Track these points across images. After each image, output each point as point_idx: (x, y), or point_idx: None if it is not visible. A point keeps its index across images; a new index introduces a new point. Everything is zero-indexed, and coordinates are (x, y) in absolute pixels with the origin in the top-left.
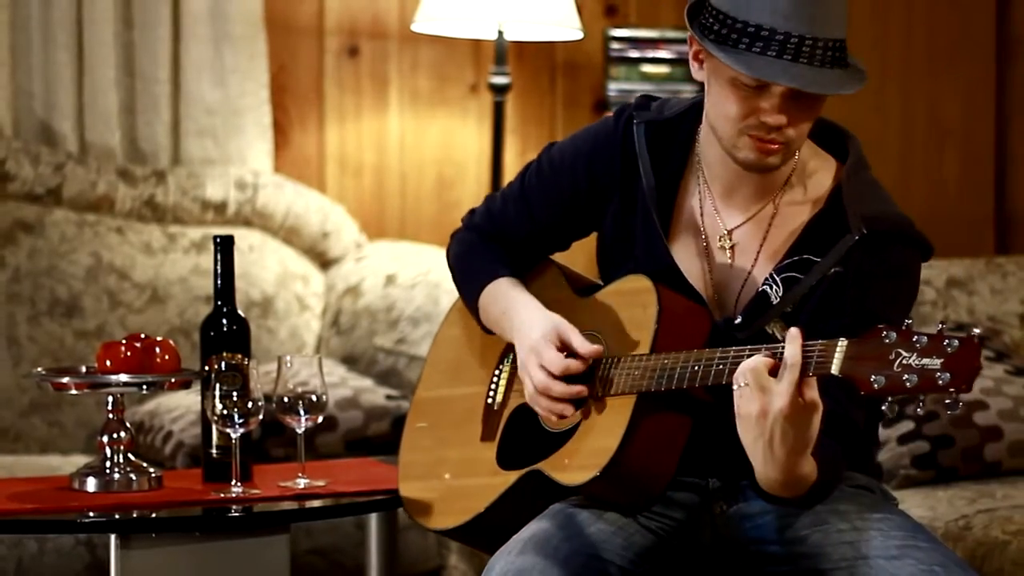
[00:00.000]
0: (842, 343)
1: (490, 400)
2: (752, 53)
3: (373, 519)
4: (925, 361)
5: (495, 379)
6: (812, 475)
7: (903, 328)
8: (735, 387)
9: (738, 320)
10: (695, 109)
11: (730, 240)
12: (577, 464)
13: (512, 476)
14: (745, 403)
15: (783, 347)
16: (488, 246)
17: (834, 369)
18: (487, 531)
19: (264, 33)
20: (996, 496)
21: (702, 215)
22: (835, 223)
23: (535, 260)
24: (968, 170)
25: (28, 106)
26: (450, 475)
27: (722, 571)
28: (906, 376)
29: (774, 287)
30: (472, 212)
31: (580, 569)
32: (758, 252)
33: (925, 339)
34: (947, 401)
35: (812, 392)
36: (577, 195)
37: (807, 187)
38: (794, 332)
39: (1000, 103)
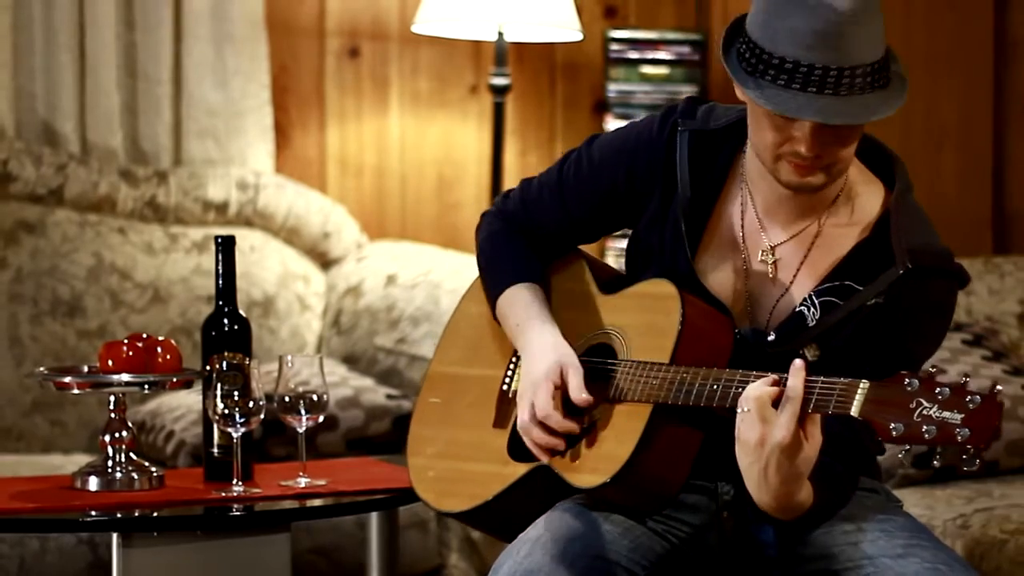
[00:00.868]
0: (864, 385)
1: (505, 387)
2: (778, 87)
3: (374, 518)
4: (946, 414)
5: (512, 366)
6: (807, 502)
7: (927, 376)
8: (739, 410)
9: (772, 337)
10: (743, 123)
11: (772, 255)
12: (588, 467)
13: (521, 468)
14: (746, 429)
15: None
16: (516, 241)
17: (854, 411)
18: (492, 518)
19: (265, 34)
20: (994, 495)
21: (743, 228)
22: (880, 253)
23: (563, 250)
24: (966, 171)
25: (30, 107)
26: (459, 457)
27: (729, 573)
28: (925, 427)
29: (811, 310)
30: (507, 195)
31: (587, 571)
32: (798, 270)
33: (948, 391)
34: (964, 457)
35: (814, 428)
36: (614, 194)
37: (854, 210)
38: (798, 364)
39: (998, 104)
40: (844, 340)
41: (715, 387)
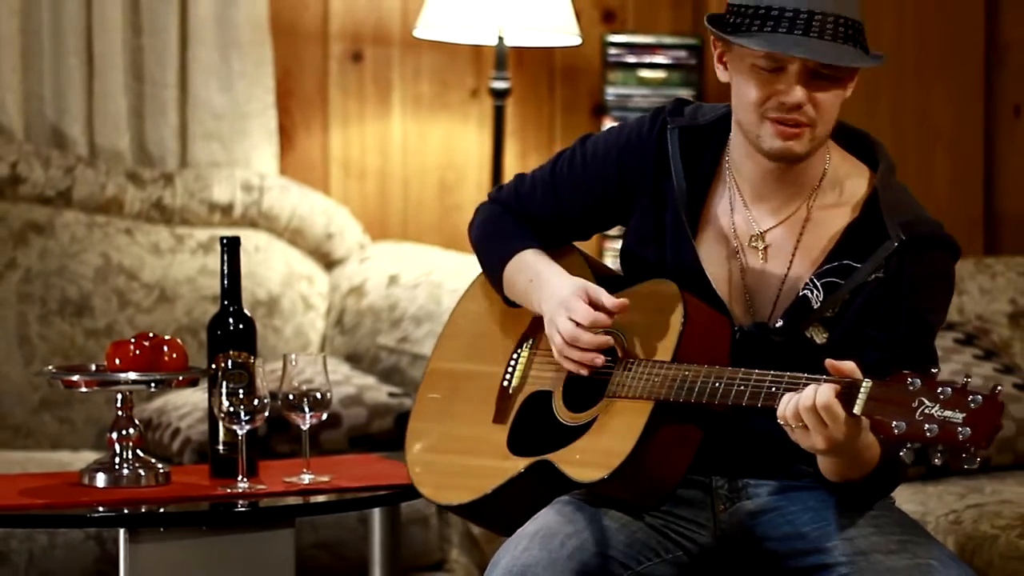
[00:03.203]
0: (867, 383)
1: (506, 383)
2: (764, 33)
3: (376, 514)
4: (947, 413)
5: (513, 362)
6: (873, 455)
7: (929, 376)
8: (785, 426)
9: (779, 324)
10: (728, 117)
11: (763, 241)
12: (588, 461)
13: (522, 463)
14: (804, 439)
15: (805, 379)
16: (515, 219)
17: (856, 409)
18: (491, 512)
19: (270, 39)
20: (985, 491)
21: (733, 218)
22: (873, 229)
23: (556, 243)
24: (957, 173)
25: (39, 110)
26: (458, 451)
27: (724, 568)
28: (927, 426)
29: (815, 292)
30: (500, 188)
31: (584, 565)
32: (793, 255)
33: (950, 391)
34: (964, 455)
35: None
36: (605, 191)
37: (842, 191)
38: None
39: (988, 107)
40: (852, 320)
41: (717, 385)
